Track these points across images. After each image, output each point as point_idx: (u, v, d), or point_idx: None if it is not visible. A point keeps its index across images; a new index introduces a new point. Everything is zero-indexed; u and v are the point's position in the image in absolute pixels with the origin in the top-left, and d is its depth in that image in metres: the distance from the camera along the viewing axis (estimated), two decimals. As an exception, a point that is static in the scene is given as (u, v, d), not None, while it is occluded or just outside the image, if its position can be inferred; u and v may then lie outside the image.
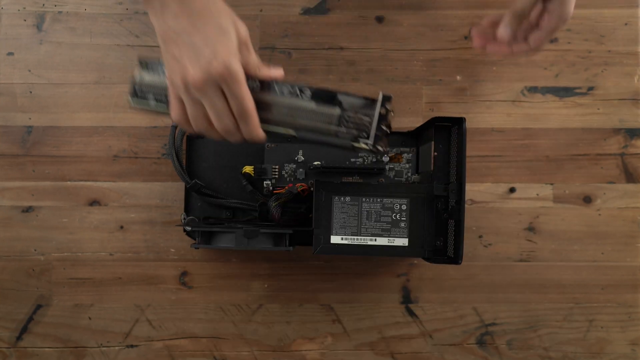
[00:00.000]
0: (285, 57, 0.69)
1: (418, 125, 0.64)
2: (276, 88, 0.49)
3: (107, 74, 0.69)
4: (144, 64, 0.51)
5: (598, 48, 0.69)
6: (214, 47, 0.44)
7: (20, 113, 0.68)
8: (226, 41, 0.45)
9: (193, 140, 0.67)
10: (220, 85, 0.45)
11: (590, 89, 0.69)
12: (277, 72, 0.49)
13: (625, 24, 0.69)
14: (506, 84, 0.69)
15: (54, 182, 0.68)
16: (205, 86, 0.45)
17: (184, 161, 0.67)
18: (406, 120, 0.69)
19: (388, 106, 0.49)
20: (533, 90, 0.69)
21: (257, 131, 0.48)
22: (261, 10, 0.69)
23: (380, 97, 0.49)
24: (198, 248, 0.62)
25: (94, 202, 0.68)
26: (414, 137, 0.66)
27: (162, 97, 0.51)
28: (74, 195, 0.68)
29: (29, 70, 0.69)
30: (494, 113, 0.69)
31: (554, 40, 0.69)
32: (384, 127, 0.49)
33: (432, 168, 0.59)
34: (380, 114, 0.49)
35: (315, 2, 0.69)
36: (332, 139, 0.49)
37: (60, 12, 0.69)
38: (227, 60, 0.44)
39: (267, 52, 0.69)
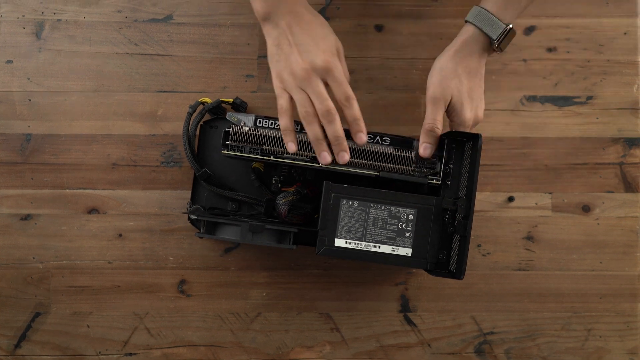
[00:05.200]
0: (284, 66, 0.69)
1: (417, 134, 0.64)
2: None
3: (106, 82, 0.69)
4: (236, 119, 0.61)
5: (597, 57, 0.69)
6: (318, 47, 0.55)
7: (19, 121, 0.69)
8: (329, 44, 0.57)
9: (206, 130, 0.66)
10: (322, 76, 0.55)
11: (589, 98, 0.69)
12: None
13: (625, 34, 0.69)
14: (505, 93, 0.69)
15: (52, 190, 0.68)
16: (310, 76, 0.55)
17: (195, 150, 0.66)
18: (405, 129, 0.69)
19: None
20: (532, 99, 0.69)
21: (359, 113, 0.57)
22: (260, 19, 0.69)
23: (445, 143, 0.59)
24: (202, 237, 0.61)
25: (92, 210, 0.68)
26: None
27: (255, 146, 0.60)
28: (73, 203, 0.68)
29: (28, 78, 0.69)
30: (493, 122, 0.69)
31: (552, 50, 0.69)
32: (450, 165, 0.59)
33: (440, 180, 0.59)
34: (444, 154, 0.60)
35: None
36: (409, 177, 0.60)
37: (59, 20, 0.69)
38: (329, 56, 0.55)
39: (266, 61, 0.69)
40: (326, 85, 0.56)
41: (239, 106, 0.67)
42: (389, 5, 0.70)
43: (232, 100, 0.66)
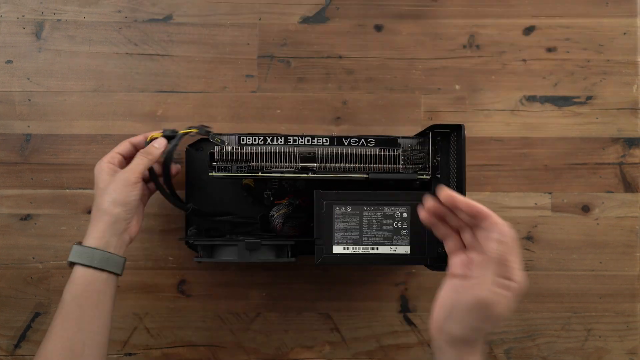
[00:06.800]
0: (284, 66, 0.69)
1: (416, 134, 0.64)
2: (344, 141, 0.59)
3: (105, 82, 0.69)
4: (219, 140, 0.59)
5: (597, 57, 0.69)
6: None
7: (19, 121, 0.69)
8: None
9: (192, 153, 0.66)
10: None
11: (589, 98, 0.69)
12: None
13: (624, 34, 0.69)
14: (505, 93, 0.69)
15: (52, 190, 0.68)
16: None
17: (183, 172, 0.66)
18: (404, 129, 0.69)
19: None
20: (531, 99, 0.69)
21: None
22: (260, 19, 0.69)
23: (430, 136, 0.59)
24: (201, 262, 0.61)
25: (92, 210, 0.68)
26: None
27: (241, 164, 0.59)
28: (73, 203, 0.68)
29: (28, 78, 0.69)
30: (493, 122, 0.69)
31: (552, 50, 0.69)
32: (438, 158, 0.60)
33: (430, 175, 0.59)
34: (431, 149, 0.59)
35: (314, 10, 0.69)
36: (399, 175, 0.59)
37: (59, 20, 0.69)
38: None
39: (266, 61, 0.69)
40: None
41: (170, 137, 0.61)
42: (389, 5, 0.70)
43: (161, 134, 0.61)
